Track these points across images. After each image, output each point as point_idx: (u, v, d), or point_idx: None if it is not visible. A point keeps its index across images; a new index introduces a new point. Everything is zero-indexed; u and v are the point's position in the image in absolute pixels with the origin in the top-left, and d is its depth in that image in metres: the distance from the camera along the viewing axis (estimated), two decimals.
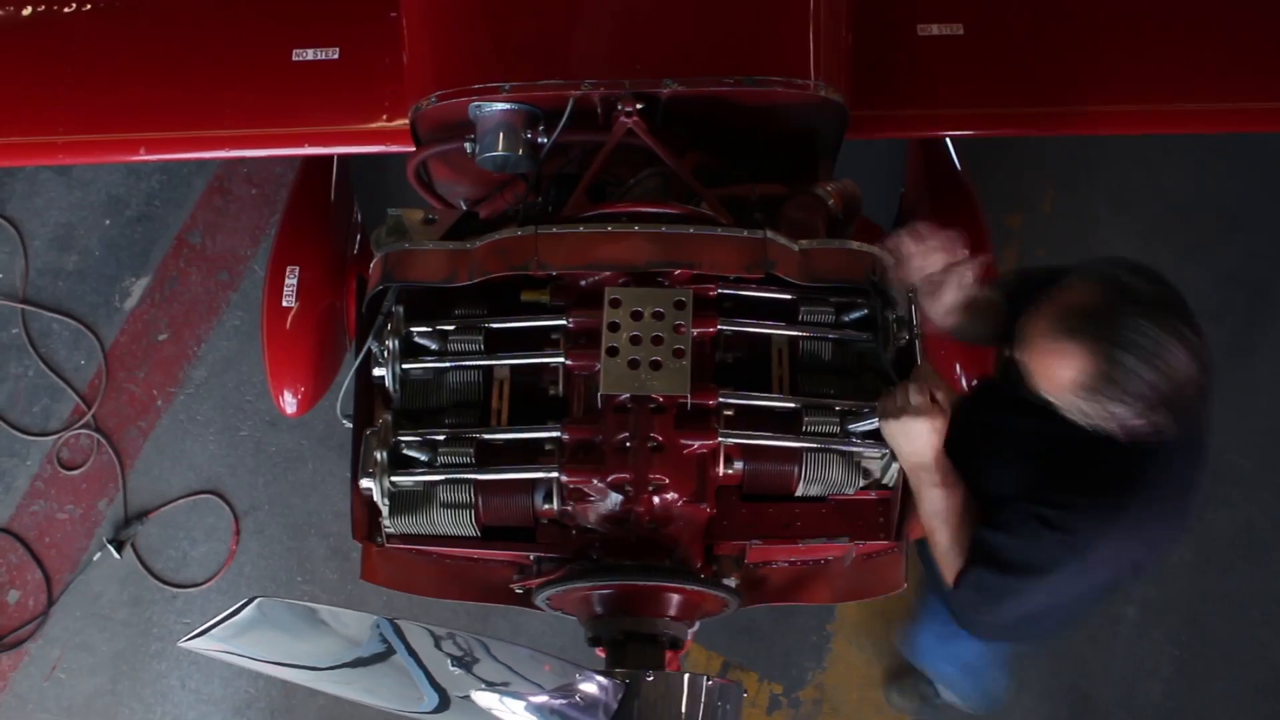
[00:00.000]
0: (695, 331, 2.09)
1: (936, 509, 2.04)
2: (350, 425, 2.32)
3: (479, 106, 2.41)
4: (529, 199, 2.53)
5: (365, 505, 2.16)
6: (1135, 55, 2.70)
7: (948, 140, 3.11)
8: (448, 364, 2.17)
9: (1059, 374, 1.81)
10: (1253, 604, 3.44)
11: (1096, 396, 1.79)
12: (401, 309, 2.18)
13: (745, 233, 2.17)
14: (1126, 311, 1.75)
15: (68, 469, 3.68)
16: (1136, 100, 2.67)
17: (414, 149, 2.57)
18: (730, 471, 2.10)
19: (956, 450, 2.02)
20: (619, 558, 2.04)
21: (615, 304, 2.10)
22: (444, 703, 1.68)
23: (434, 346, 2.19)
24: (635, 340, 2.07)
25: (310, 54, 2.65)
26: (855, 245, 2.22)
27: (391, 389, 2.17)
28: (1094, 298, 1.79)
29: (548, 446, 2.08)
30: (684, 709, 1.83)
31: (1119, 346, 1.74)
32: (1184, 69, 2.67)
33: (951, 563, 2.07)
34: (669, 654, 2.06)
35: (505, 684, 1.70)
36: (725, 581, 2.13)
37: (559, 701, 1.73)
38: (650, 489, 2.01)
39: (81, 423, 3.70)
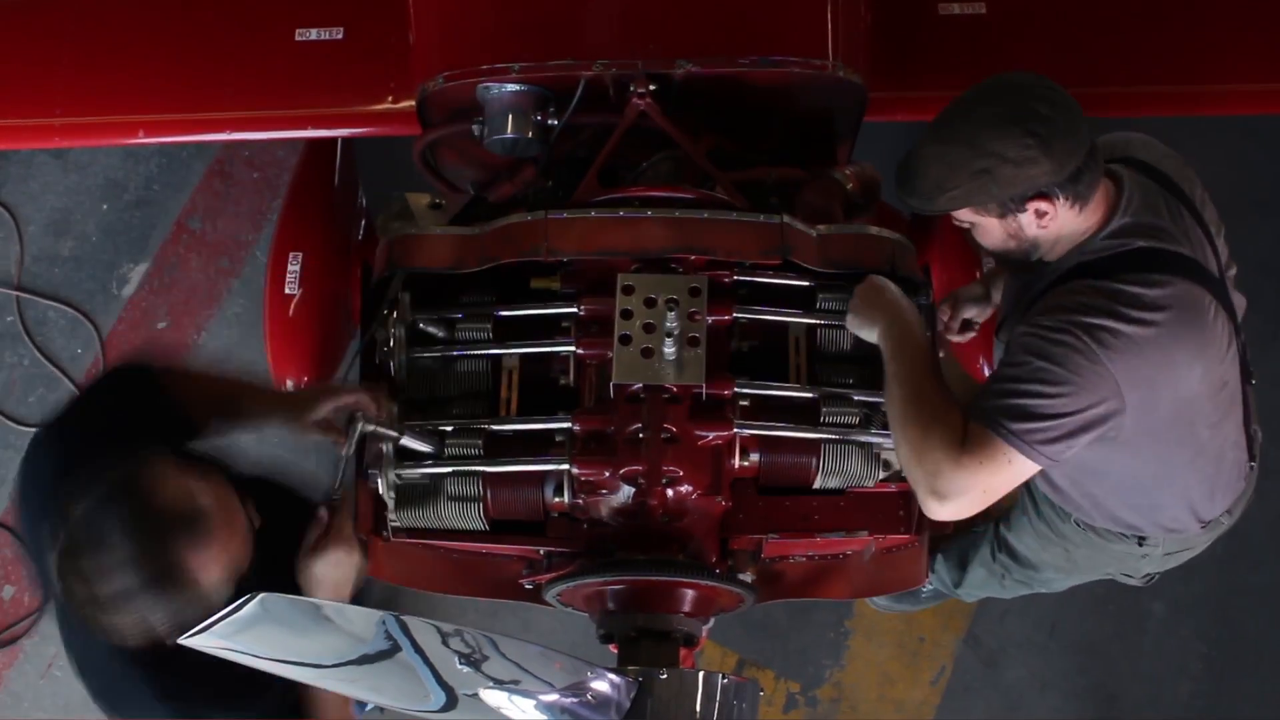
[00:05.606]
0: (710, 319, 2.05)
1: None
2: None
3: (487, 88, 2.36)
4: (539, 183, 2.49)
5: (371, 498, 2.12)
6: (1161, 35, 2.64)
7: None
8: (455, 353, 2.14)
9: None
10: None
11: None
12: (408, 296, 2.14)
13: (762, 217, 2.13)
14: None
15: None
16: (1163, 81, 2.61)
17: (420, 131, 2.51)
18: (746, 463, 2.05)
19: None
20: (631, 552, 1.99)
21: (628, 291, 2.06)
22: (451, 701, 1.64)
23: (441, 335, 2.16)
24: (649, 328, 2.03)
25: (314, 34, 2.61)
26: (874, 231, 2.19)
27: (397, 378, 2.13)
28: None
29: (558, 438, 2.04)
30: (698, 707, 1.78)
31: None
32: (1213, 49, 2.61)
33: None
34: (683, 651, 2.01)
35: (515, 682, 1.65)
36: (741, 576, 2.08)
37: (570, 700, 1.68)
38: (664, 481, 1.97)
39: None
